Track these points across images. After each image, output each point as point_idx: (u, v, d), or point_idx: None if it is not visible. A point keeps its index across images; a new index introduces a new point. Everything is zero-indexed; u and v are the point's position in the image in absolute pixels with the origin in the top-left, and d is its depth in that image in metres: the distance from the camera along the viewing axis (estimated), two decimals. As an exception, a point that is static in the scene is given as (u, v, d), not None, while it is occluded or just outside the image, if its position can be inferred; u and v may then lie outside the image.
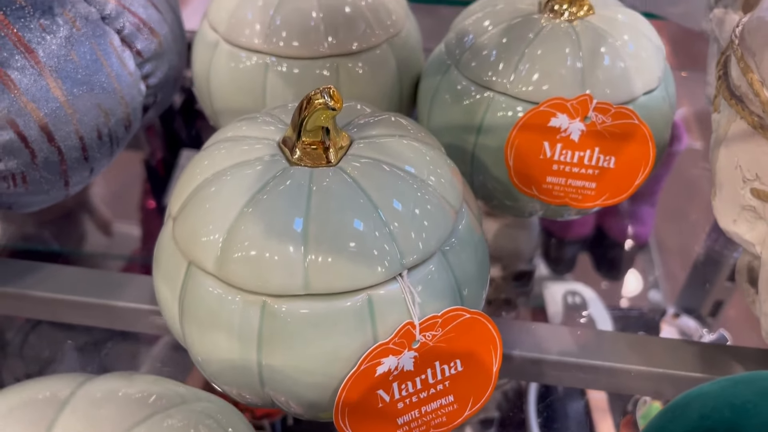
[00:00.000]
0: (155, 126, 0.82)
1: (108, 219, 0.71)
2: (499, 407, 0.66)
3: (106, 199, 0.78)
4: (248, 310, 0.27)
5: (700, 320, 0.60)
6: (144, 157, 0.83)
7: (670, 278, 0.64)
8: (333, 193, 0.27)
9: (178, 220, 0.29)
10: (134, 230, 0.72)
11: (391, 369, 0.27)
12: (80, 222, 0.71)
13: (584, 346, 0.37)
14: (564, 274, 0.65)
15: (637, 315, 0.62)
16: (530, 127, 0.36)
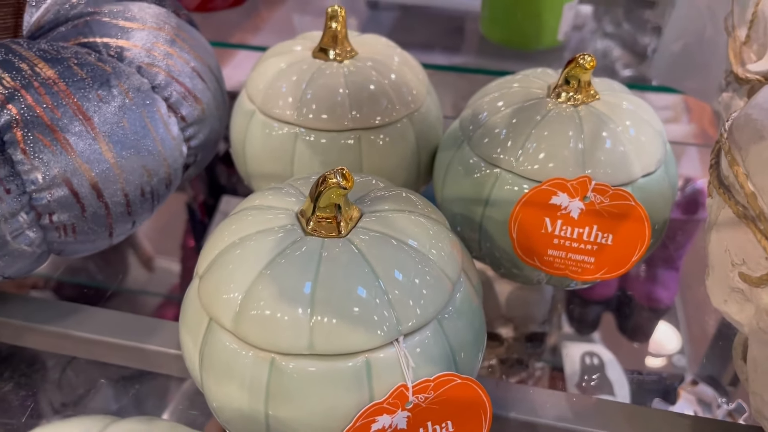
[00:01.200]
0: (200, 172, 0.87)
1: (150, 255, 0.75)
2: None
3: (150, 235, 0.83)
4: (258, 366, 0.30)
5: (720, 389, 0.60)
6: (187, 200, 0.88)
7: (694, 344, 0.64)
8: (340, 262, 0.30)
9: (204, 278, 0.32)
10: (174, 267, 0.76)
11: (386, 427, 0.30)
12: (124, 257, 0.75)
13: (580, 413, 0.39)
14: (587, 334, 0.66)
15: (656, 380, 0.63)
16: (533, 204, 0.39)
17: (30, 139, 0.39)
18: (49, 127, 0.39)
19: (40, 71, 0.40)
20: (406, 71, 0.47)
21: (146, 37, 0.47)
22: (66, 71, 0.41)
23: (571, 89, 0.41)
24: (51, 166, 0.39)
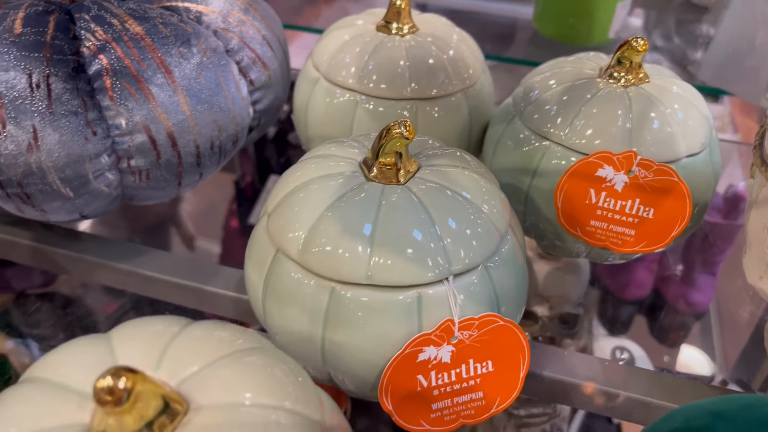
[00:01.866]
0: (249, 152, 0.91)
1: (192, 234, 0.79)
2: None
3: (195, 215, 0.86)
4: (320, 293, 0.32)
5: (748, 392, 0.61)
6: (235, 178, 0.91)
7: (727, 349, 0.65)
8: (399, 206, 0.33)
9: (272, 216, 0.35)
10: (214, 247, 0.79)
11: (431, 358, 0.32)
12: (167, 233, 0.79)
13: (610, 376, 0.41)
14: (618, 335, 0.67)
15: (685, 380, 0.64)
16: (579, 175, 0.41)
17: (117, 87, 0.43)
18: (134, 78, 0.43)
19: (129, 27, 0.44)
20: (464, 49, 0.49)
21: (223, 4, 0.50)
22: (152, 29, 0.45)
23: (622, 70, 0.43)
24: (134, 113, 0.43)
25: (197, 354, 0.25)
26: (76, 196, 0.44)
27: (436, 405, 0.34)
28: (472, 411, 0.34)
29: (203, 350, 0.26)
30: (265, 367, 0.25)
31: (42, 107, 0.41)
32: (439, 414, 0.34)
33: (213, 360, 0.25)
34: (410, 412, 0.33)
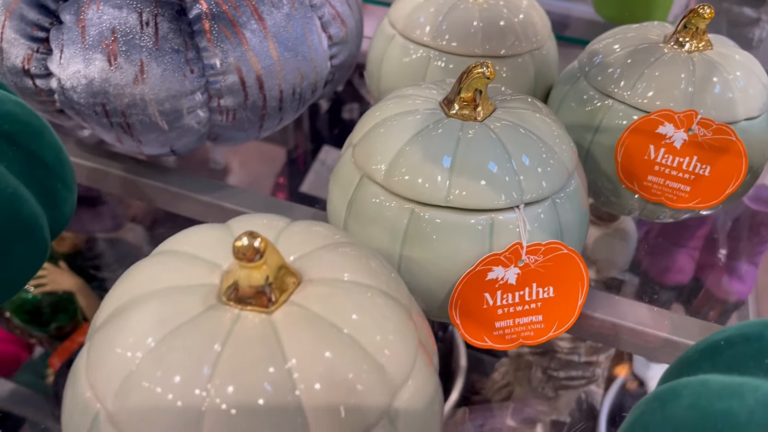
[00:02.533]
0: (303, 125, 0.94)
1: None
2: (572, 414, 0.72)
3: (245, 183, 0.90)
4: (400, 213, 0.36)
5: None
6: (288, 148, 0.95)
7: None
8: (477, 140, 0.36)
9: (358, 146, 0.39)
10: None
11: (498, 278, 0.36)
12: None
13: (657, 321, 0.43)
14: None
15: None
16: (640, 131, 0.44)
17: (215, 30, 0.47)
18: (231, 22, 0.47)
19: (227, -24, 0.48)
20: (533, 14, 0.52)
21: (309, -38, 0.54)
22: (247, -22, 0.48)
23: (687, 35, 0.45)
24: (228, 55, 0.47)
25: (302, 242, 0.29)
26: (170, 129, 0.48)
27: (499, 324, 0.37)
28: (531, 333, 0.37)
29: (306, 240, 0.29)
30: (360, 257, 0.29)
31: (149, 44, 0.45)
32: (501, 332, 0.37)
33: (316, 248, 0.29)
34: (475, 328, 0.37)
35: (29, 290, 0.72)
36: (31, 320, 0.73)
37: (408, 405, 0.26)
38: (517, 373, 0.74)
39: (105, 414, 0.24)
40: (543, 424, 0.70)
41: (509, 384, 0.74)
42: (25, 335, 0.73)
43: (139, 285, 0.27)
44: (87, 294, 0.75)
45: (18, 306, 0.72)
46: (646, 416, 0.26)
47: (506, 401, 0.71)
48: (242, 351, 0.24)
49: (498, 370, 0.74)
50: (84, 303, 0.75)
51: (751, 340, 0.27)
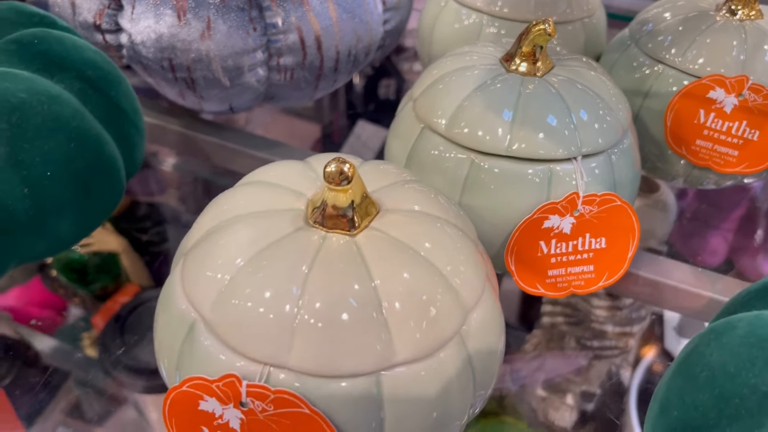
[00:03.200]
0: (338, 100, 0.96)
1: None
2: (602, 386, 0.73)
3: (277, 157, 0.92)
4: (460, 163, 0.38)
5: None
6: (323, 124, 0.97)
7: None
8: (537, 96, 0.38)
9: (419, 100, 0.40)
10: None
11: (554, 227, 0.37)
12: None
13: (702, 281, 0.45)
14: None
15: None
16: (690, 96, 0.45)
17: (278, -11, 0.48)
18: (293, -17, 0.49)
19: (289, -62, 0.50)
20: (585, -17, 0.53)
21: (365, -71, 0.55)
22: (309, -58, 0.50)
23: (739, 3, 0.46)
24: (290, 14, 0.49)
25: (375, 178, 0.31)
26: (231, 85, 0.50)
27: (551, 272, 0.38)
28: (582, 282, 0.39)
29: (379, 177, 0.31)
30: (428, 193, 0.31)
31: (217, 1, 0.47)
32: (553, 281, 0.39)
33: (388, 183, 0.31)
34: (528, 275, 0.38)
35: (76, 249, 0.75)
36: (77, 279, 0.75)
37: (477, 327, 0.28)
38: (550, 344, 0.75)
39: (202, 322, 0.26)
40: (573, 394, 0.71)
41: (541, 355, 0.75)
42: (69, 294, 0.76)
43: (229, 210, 0.29)
44: (131, 255, 0.78)
45: (65, 265, 0.74)
46: (701, 348, 0.27)
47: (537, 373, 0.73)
48: (331, 267, 0.26)
49: (530, 341, 0.76)
50: (127, 264, 0.78)
51: (806, 278, 0.28)
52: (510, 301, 0.75)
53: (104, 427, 0.56)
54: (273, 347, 0.25)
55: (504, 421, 0.57)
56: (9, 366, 0.62)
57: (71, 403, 0.63)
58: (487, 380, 0.29)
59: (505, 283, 0.73)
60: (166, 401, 0.26)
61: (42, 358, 0.65)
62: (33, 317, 0.69)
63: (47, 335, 0.73)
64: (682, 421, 0.26)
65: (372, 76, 0.98)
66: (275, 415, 0.24)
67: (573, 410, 0.70)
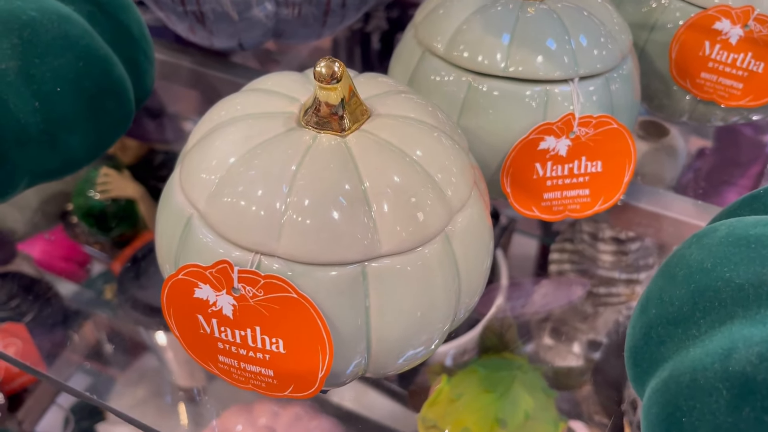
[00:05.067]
0: (354, 59, 0.96)
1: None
2: (609, 335, 0.74)
3: None
4: (459, 84, 0.38)
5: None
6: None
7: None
8: (536, 19, 0.38)
9: (420, 24, 0.41)
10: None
11: (550, 148, 0.38)
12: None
13: (702, 213, 0.45)
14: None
15: None
16: (696, 27, 0.44)
17: None
18: None
19: None
20: None
21: None
22: None
23: (751, -66, 0.45)
24: (297, -53, 0.49)
25: (371, 87, 0.32)
26: (240, 19, 0.51)
27: (547, 195, 0.39)
28: (578, 206, 0.40)
29: (375, 86, 0.32)
30: (426, 105, 0.31)
31: (224, -69, 0.48)
32: (548, 204, 0.39)
33: (384, 92, 0.31)
34: (524, 198, 0.39)
35: (95, 196, 0.77)
36: (96, 225, 0.78)
37: (463, 230, 0.29)
38: (557, 293, 0.76)
39: (198, 215, 0.28)
40: (580, 342, 0.72)
41: (548, 298, 0.76)
42: (90, 241, 0.79)
43: (225, 113, 0.30)
44: (148, 203, 0.80)
45: (85, 211, 0.76)
46: (683, 250, 0.28)
47: (545, 322, 0.74)
48: (320, 165, 0.27)
49: (538, 291, 0.77)
50: (145, 211, 0.80)
51: (791, 186, 0.29)
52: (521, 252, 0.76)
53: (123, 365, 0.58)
54: (263, 237, 0.26)
55: (505, 356, 0.58)
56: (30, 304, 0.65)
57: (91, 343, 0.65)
58: (472, 287, 0.30)
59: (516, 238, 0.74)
60: (164, 290, 0.28)
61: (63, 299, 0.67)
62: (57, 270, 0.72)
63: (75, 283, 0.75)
64: (659, 316, 0.27)
65: (388, 32, 0.98)
66: (265, 300, 0.26)
67: (579, 359, 0.70)
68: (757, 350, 0.22)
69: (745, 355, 0.22)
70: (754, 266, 0.24)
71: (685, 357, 0.25)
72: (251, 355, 0.27)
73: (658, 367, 0.27)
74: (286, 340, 0.26)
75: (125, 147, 0.83)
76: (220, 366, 0.29)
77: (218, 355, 0.28)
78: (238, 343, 0.27)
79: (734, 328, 0.24)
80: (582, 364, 0.64)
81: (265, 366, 0.27)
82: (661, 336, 0.26)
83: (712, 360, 0.23)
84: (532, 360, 0.60)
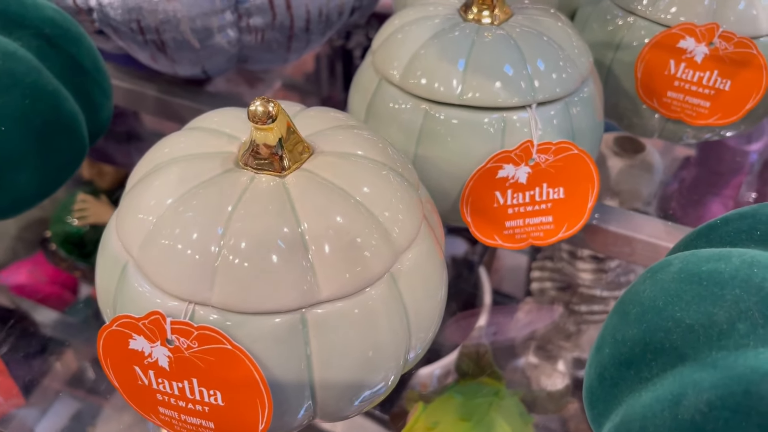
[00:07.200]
0: (336, 74, 0.95)
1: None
2: (594, 352, 0.72)
3: None
4: (415, 113, 0.37)
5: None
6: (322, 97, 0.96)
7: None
8: (492, 44, 0.37)
9: (377, 52, 0.40)
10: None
11: (509, 176, 0.37)
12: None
13: (673, 235, 0.44)
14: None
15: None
16: (661, 46, 0.44)
17: (244, -52, 0.48)
18: (259, -59, 0.48)
19: None
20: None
21: None
22: None
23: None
24: (257, -27, 0.48)
25: (317, 122, 0.31)
26: (201, 47, 0.50)
27: (509, 223, 0.38)
28: (541, 233, 0.39)
29: (321, 121, 0.31)
30: (375, 141, 0.31)
31: (181, -40, 0.47)
32: (511, 232, 0.38)
33: (330, 127, 0.30)
34: (486, 226, 0.38)
35: (73, 223, 0.76)
36: (75, 251, 0.76)
37: (411, 268, 0.28)
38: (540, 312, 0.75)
39: (132, 262, 0.27)
40: (565, 360, 0.71)
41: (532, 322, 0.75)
42: (71, 268, 0.77)
43: (164, 154, 0.29)
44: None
45: (63, 238, 0.75)
46: (637, 286, 0.27)
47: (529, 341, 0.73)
48: (256, 207, 0.26)
49: (521, 309, 0.76)
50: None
51: (745, 216, 0.28)
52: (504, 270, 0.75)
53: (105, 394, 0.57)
54: (195, 285, 0.25)
55: (482, 382, 0.56)
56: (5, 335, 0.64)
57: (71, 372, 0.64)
58: (424, 323, 0.29)
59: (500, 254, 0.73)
60: (99, 341, 0.26)
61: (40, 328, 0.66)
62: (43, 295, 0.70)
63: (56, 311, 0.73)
64: (612, 356, 0.26)
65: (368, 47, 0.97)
66: (200, 351, 0.25)
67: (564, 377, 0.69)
68: (706, 397, 0.21)
69: (694, 403, 0.21)
70: (705, 305, 0.23)
71: (636, 401, 0.24)
72: (191, 407, 0.26)
73: (612, 411, 0.25)
74: (224, 392, 0.25)
75: (102, 172, 0.82)
76: (161, 417, 0.28)
77: (158, 407, 0.27)
78: (176, 395, 0.26)
79: (685, 372, 0.23)
80: (562, 386, 0.63)
81: (205, 418, 0.26)
82: (614, 377, 0.25)
83: (661, 407, 0.22)
84: (513, 383, 0.59)
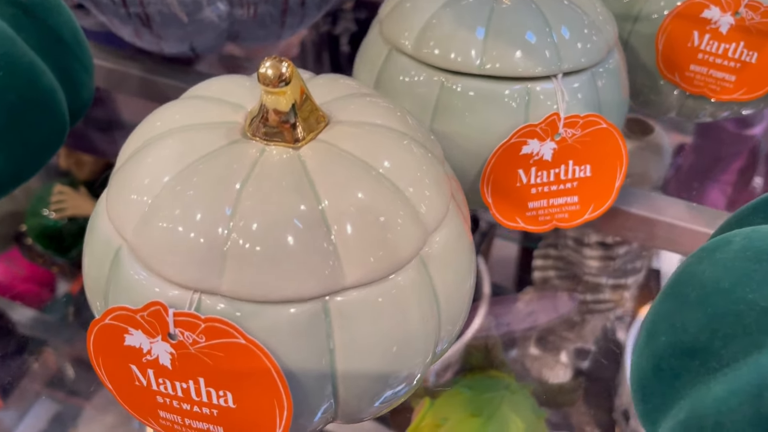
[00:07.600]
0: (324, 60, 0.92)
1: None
2: (597, 342, 0.70)
3: None
4: (430, 85, 0.34)
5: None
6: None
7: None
8: (513, 11, 0.34)
9: (386, 20, 0.37)
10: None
11: (533, 153, 0.34)
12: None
13: (696, 217, 0.42)
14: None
15: None
16: (684, 16, 0.41)
17: None
18: None
19: None
20: None
21: None
22: None
23: None
24: (250, -59, 0.45)
25: (329, 90, 0.27)
26: (189, 21, 0.47)
27: (532, 204, 0.35)
28: (566, 215, 0.36)
29: (334, 89, 0.28)
30: (393, 109, 0.27)
31: (168, -76, 0.43)
32: (534, 213, 0.36)
33: (344, 95, 0.27)
34: (508, 207, 0.35)
35: (50, 216, 0.72)
36: (53, 246, 0.72)
37: (441, 251, 0.25)
38: (543, 301, 0.73)
39: (127, 247, 0.23)
40: (567, 351, 0.69)
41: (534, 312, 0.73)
42: (48, 263, 0.73)
43: (159, 125, 0.25)
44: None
45: (39, 232, 0.71)
46: (692, 267, 0.24)
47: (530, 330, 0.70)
48: (268, 183, 0.22)
49: (522, 299, 0.73)
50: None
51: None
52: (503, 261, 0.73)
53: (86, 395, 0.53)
54: (201, 271, 0.22)
55: (491, 375, 0.54)
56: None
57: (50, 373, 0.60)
58: (455, 313, 0.26)
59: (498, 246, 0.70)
60: (90, 337, 0.23)
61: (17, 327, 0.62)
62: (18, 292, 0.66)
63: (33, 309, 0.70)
64: (671, 345, 0.23)
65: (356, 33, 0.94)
66: (207, 346, 0.22)
67: (567, 368, 0.67)
68: (794, 389, 0.19)
69: (781, 395, 0.19)
70: (782, 286, 0.21)
71: (705, 395, 0.21)
72: (196, 410, 0.23)
73: (673, 405, 0.23)
74: (236, 392, 0.22)
75: (81, 162, 0.78)
76: (161, 422, 0.24)
77: (158, 410, 0.24)
78: (179, 396, 0.23)
79: (763, 360, 0.20)
80: (573, 379, 0.60)
81: (214, 422, 0.23)
82: (674, 368, 0.23)
83: (739, 401, 0.20)
84: (520, 376, 0.56)
